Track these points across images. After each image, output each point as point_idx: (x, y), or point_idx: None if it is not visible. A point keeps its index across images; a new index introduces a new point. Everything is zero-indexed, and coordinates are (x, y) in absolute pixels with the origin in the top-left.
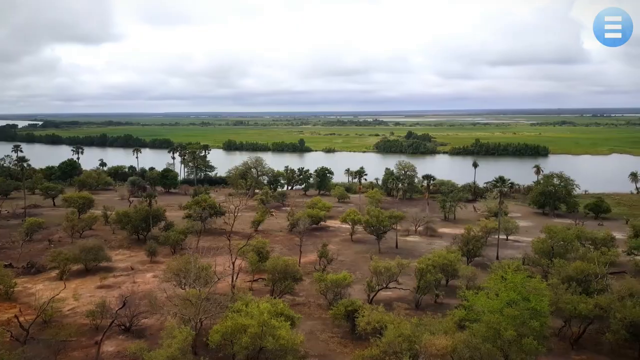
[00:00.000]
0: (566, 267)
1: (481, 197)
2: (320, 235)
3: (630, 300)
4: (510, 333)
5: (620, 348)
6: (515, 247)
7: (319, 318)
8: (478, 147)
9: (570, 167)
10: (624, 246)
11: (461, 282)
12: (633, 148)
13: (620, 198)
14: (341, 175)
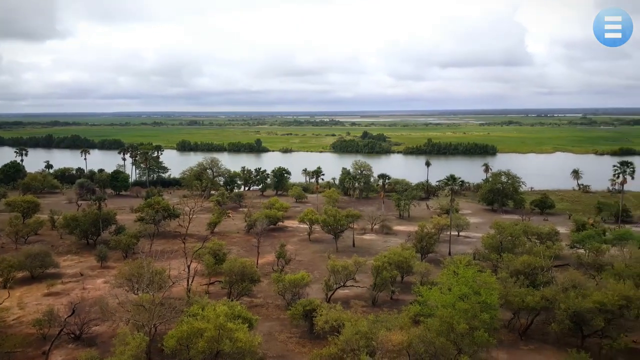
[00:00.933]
0: (514, 261)
1: (434, 195)
2: (278, 235)
3: (573, 292)
4: (463, 326)
5: (565, 337)
6: (466, 242)
7: (277, 319)
8: (430, 146)
9: (516, 165)
10: (567, 240)
11: (416, 278)
12: (574, 147)
13: (563, 194)
14: (299, 175)
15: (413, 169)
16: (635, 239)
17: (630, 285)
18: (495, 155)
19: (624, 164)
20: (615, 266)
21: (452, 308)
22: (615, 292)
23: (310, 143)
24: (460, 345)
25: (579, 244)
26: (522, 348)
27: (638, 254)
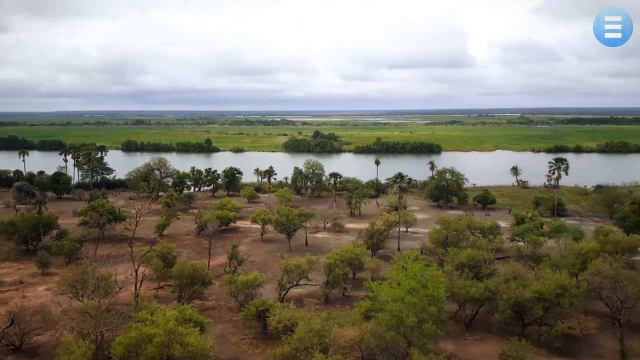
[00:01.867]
0: (459, 255)
1: (383, 193)
2: (230, 236)
3: (514, 282)
4: (412, 320)
5: (507, 326)
6: (414, 238)
7: (229, 321)
8: (379, 145)
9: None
10: (508, 233)
11: (367, 274)
12: (513, 145)
13: (503, 190)
14: (250, 175)
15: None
16: (569, 231)
17: (565, 275)
18: (440, 153)
19: (558, 161)
20: (552, 257)
21: (402, 302)
22: (552, 281)
23: (262, 143)
24: (410, 338)
25: (519, 237)
26: (468, 338)
27: (572, 246)
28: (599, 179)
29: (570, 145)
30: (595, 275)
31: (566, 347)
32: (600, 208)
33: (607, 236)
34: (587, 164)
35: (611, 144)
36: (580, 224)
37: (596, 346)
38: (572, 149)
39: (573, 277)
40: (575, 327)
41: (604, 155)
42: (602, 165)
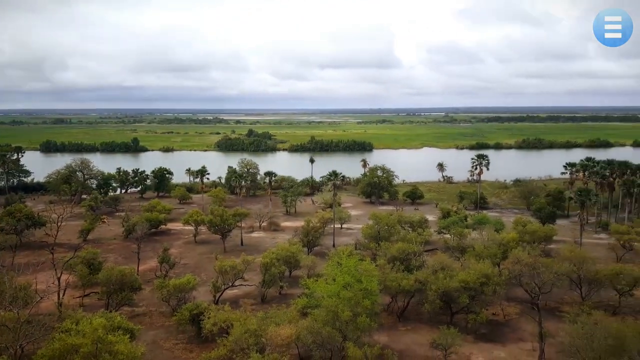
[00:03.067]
0: (390, 248)
1: (318, 191)
2: (160, 239)
3: (442, 273)
4: (347, 314)
5: (437, 315)
6: (348, 234)
7: (161, 326)
8: (314, 144)
9: (390, 160)
10: (435, 226)
11: (303, 271)
12: (439, 142)
13: (430, 185)
14: (182, 175)
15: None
16: (491, 223)
17: (488, 265)
18: (371, 151)
19: (480, 157)
20: (476, 248)
21: (337, 297)
22: (476, 271)
23: (193, 141)
24: (345, 332)
25: (445, 230)
26: (400, 329)
27: (494, 236)
28: (517, 173)
29: (491, 142)
30: (515, 263)
31: (491, 332)
32: (518, 200)
33: (525, 227)
34: (506, 159)
35: (527, 140)
36: (501, 216)
37: (518, 330)
38: (492, 146)
39: (495, 266)
40: (498, 313)
41: (521, 151)
42: (519, 160)
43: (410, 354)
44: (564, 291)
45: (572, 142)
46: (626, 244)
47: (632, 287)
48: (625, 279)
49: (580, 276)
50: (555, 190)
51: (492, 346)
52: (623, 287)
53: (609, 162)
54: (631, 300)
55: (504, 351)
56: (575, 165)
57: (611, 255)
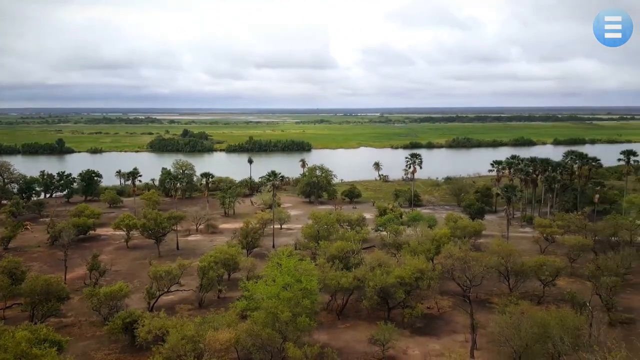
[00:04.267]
0: (330, 247)
1: (257, 191)
2: (90, 245)
3: (379, 270)
4: (287, 315)
5: (375, 311)
6: (288, 234)
7: (92, 337)
8: (252, 144)
9: (329, 159)
10: (373, 224)
11: (242, 273)
12: (375, 142)
13: (367, 184)
14: (112, 177)
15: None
16: (424, 220)
17: (422, 260)
18: (310, 151)
19: (413, 156)
20: (411, 244)
21: (277, 298)
22: (411, 266)
23: (124, 142)
24: (285, 333)
25: (382, 227)
26: (340, 327)
27: (427, 232)
28: (448, 171)
29: (423, 141)
30: (448, 258)
31: (426, 326)
32: (449, 197)
33: (456, 222)
34: (438, 158)
35: (457, 140)
36: (434, 213)
37: (451, 322)
38: (425, 145)
39: (429, 261)
40: (433, 306)
41: (452, 150)
42: (450, 159)
43: (349, 351)
44: (493, 283)
45: (498, 141)
46: (549, 237)
47: (555, 277)
48: (548, 269)
49: (508, 268)
50: (483, 187)
51: (427, 339)
52: (546, 278)
53: (532, 159)
54: (554, 289)
55: (438, 344)
56: (502, 163)
57: (535, 247)
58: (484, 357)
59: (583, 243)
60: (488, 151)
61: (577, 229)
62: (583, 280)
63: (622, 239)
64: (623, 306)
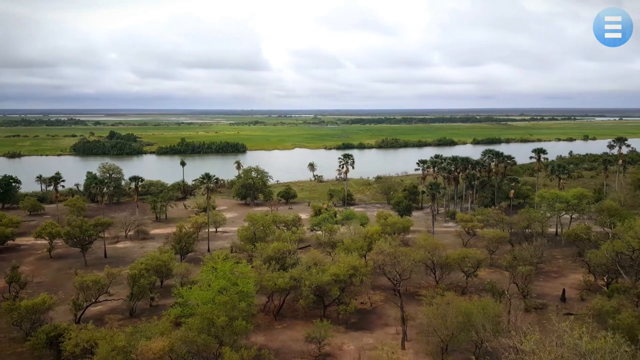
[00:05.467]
0: (266, 249)
1: (191, 195)
2: (8, 256)
3: (314, 269)
4: (223, 319)
5: (311, 310)
6: (224, 237)
7: (13, 354)
8: (184, 146)
9: (264, 161)
10: (308, 224)
11: (176, 280)
12: (309, 143)
13: (303, 185)
14: (32, 183)
15: (168, 170)
16: (357, 218)
17: (356, 257)
18: (245, 152)
19: (346, 156)
20: (345, 242)
21: (212, 303)
22: (345, 264)
23: (44, 145)
24: (222, 338)
25: (317, 227)
26: (277, 327)
27: (360, 230)
28: (378, 170)
29: (355, 142)
30: (379, 254)
31: (360, 321)
32: (380, 196)
33: (386, 219)
34: (369, 158)
35: (386, 140)
36: (366, 211)
37: (383, 316)
38: (356, 146)
39: (362, 258)
40: (366, 302)
41: (381, 150)
42: (380, 158)
43: (286, 351)
44: (420, 276)
45: (423, 141)
46: (470, 231)
47: (476, 268)
48: (470, 261)
49: (434, 262)
50: (410, 185)
51: (361, 334)
52: (469, 269)
53: (454, 158)
54: (476, 280)
55: (372, 337)
56: (426, 162)
57: (458, 241)
58: (414, 347)
59: (500, 236)
60: (414, 151)
61: (495, 223)
62: (501, 270)
63: (534, 230)
64: (536, 293)
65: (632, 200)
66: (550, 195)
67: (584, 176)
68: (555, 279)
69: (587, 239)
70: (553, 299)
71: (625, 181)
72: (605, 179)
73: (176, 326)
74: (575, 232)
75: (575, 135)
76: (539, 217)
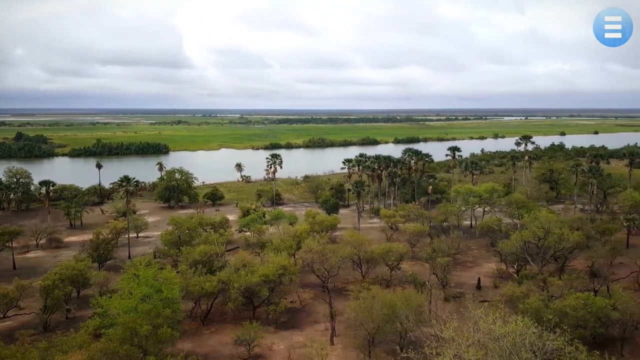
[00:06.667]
0: (192, 252)
1: (108, 199)
2: None
3: (243, 270)
4: (146, 328)
5: (240, 312)
6: (146, 243)
7: None
8: (101, 147)
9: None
10: (236, 225)
11: (94, 289)
12: (236, 143)
13: (230, 186)
14: None
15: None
16: (286, 217)
17: (285, 256)
18: (168, 153)
19: (274, 156)
20: (274, 242)
21: (135, 312)
22: (274, 264)
23: None
24: (146, 347)
25: (246, 228)
26: (205, 332)
27: (289, 229)
28: (306, 170)
29: (283, 142)
30: (308, 252)
31: (290, 319)
32: (308, 195)
33: (314, 218)
34: (296, 158)
35: (313, 140)
36: (294, 210)
37: (313, 313)
38: (284, 146)
39: (291, 257)
40: (295, 300)
41: (308, 149)
42: (307, 158)
43: (215, 356)
44: (348, 272)
45: (349, 140)
46: (393, 226)
47: (399, 261)
48: (393, 255)
49: (360, 257)
50: (337, 183)
51: (291, 333)
52: (393, 263)
53: (377, 157)
54: (399, 272)
55: (302, 335)
56: (351, 161)
57: (382, 236)
58: (343, 342)
59: (421, 229)
60: (340, 150)
61: (415, 217)
62: (422, 262)
63: (451, 223)
64: (455, 282)
65: (537, 193)
66: (465, 190)
67: (495, 172)
68: (471, 268)
69: (499, 230)
70: (470, 288)
71: (531, 175)
72: (513, 174)
73: (95, 338)
74: (488, 224)
75: (486, 134)
76: (455, 211)
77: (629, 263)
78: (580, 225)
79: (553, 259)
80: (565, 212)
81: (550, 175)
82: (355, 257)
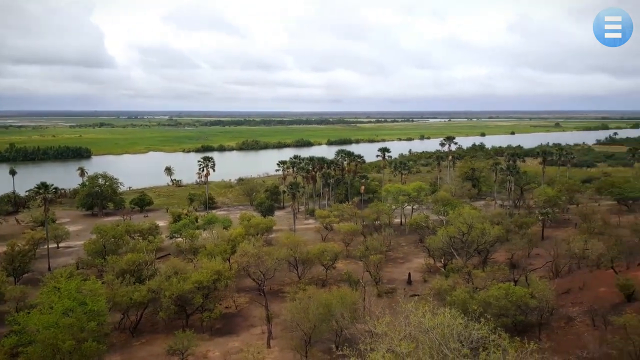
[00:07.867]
0: (119, 261)
1: (24, 207)
2: None
3: (175, 278)
4: (69, 343)
5: (173, 321)
6: (68, 253)
7: None
8: (14, 152)
9: (113, 166)
10: (167, 231)
11: (10, 305)
12: (165, 146)
13: (159, 190)
14: None
15: None
16: (220, 221)
17: (219, 261)
18: (90, 158)
19: (206, 159)
20: (207, 247)
21: (56, 327)
22: (208, 269)
23: None
24: None
25: (177, 234)
26: (135, 344)
27: (223, 234)
28: (240, 172)
29: (215, 144)
30: (243, 256)
31: (226, 325)
32: (243, 197)
33: (249, 221)
34: (230, 160)
35: (246, 142)
36: (229, 214)
37: (249, 317)
38: (216, 148)
39: (226, 262)
40: (231, 305)
41: (242, 152)
42: (241, 160)
43: None
44: (284, 273)
45: (283, 142)
46: (328, 226)
47: (334, 261)
48: (328, 255)
49: (296, 258)
50: (272, 185)
51: (227, 339)
52: (328, 262)
53: (311, 158)
54: (334, 272)
55: (238, 340)
56: (286, 162)
57: (318, 236)
58: (280, 344)
59: (354, 229)
60: (274, 152)
61: (349, 217)
62: (356, 260)
63: (383, 222)
64: (387, 279)
65: (460, 190)
66: (395, 190)
67: (422, 171)
68: (402, 264)
69: (426, 226)
70: (401, 283)
71: (455, 174)
72: (438, 173)
73: (13, 357)
74: (416, 221)
75: (413, 135)
76: (386, 210)
77: (544, 254)
78: (500, 220)
79: (476, 252)
80: (487, 208)
81: (472, 173)
82: (291, 259)
